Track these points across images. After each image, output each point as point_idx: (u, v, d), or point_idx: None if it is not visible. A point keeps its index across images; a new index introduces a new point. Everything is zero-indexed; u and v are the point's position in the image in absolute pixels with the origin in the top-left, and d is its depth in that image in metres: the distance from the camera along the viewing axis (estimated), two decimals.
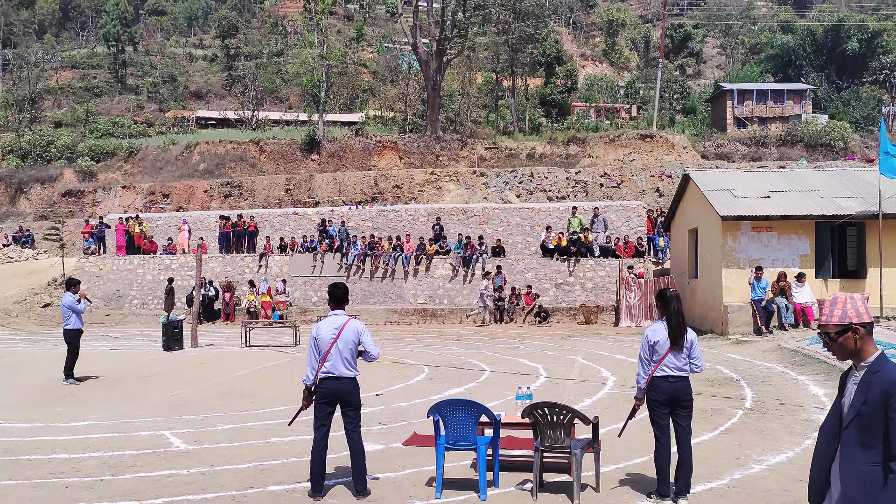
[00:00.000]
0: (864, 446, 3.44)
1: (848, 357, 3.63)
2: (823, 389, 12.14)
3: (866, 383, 3.49)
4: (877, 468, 3.41)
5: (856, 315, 3.59)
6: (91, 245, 32.09)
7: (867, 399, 3.45)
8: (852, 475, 3.46)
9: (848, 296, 3.66)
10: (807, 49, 69.70)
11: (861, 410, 3.45)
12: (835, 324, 3.60)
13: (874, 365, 3.53)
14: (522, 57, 54.67)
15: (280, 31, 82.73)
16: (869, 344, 3.58)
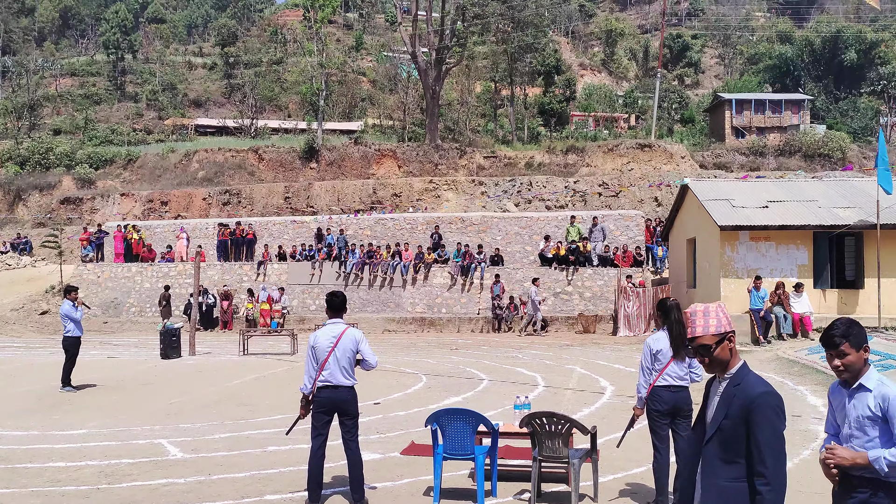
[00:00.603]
0: (725, 462, 3.36)
1: (720, 368, 3.52)
2: (822, 400, 12.12)
3: (728, 396, 3.41)
4: (739, 484, 3.33)
5: (728, 323, 3.50)
6: (89, 252, 32.05)
7: (728, 413, 3.37)
8: (713, 491, 3.38)
9: (716, 304, 3.57)
10: (805, 59, 69.88)
11: (722, 425, 3.38)
12: (713, 334, 3.48)
13: (736, 376, 3.45)
14: (521, 66, 54.74)
15: (279, 40, 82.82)
16: (734, 354, 3.52)
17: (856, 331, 3.84)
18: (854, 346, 3.82)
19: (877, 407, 3.75)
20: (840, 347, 3.84)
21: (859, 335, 3.84)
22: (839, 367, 3.87)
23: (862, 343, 3.84)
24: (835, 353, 3.86)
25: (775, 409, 3.35)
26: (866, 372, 3.86)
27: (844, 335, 3.83)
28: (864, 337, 3.87)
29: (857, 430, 3.82)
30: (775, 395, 3.39)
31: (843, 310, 19.41)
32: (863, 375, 3.86)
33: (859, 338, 3.83)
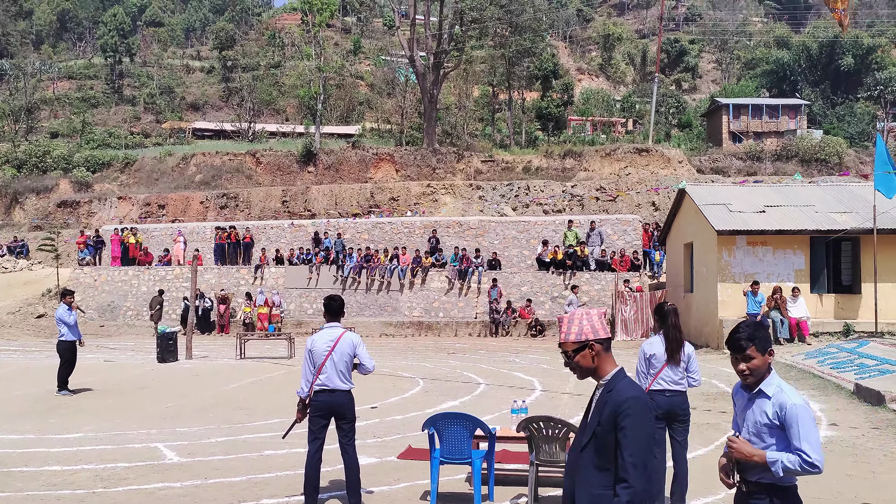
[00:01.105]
0: (599, 469, 3.34)
1: (588, 375, 3.55)
2: (818, 405, 12.13)
3: (601, 403, 3.42)
4: (610, 492, 3.30)
5: (591, 331, 3.51)
6: (86, 256, 32.00)
7: (601, 419, 3.36)
8: (586, 499, 3.35)
9: (585, 311, 3.58)
10: (802, 65, 70.06)
11: (596, 431, 3.37)
12: (572, 341, 3.51)
13: (609, 383, 3.46)
14: (519, 70, 54.82)
15: (277, 44, 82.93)
16: (606, 361, 3.52)
17: (762, 334, 3.82)
18: (760, 349, 3.80)
19: (774, 415, 3.73)
20: (746, 351, 3.82)
21: (765, 339, 3.82)
22: (744, 372, 3.85)
23: (767, 347, 3.82)
24: (741, 356, 3.84)
25: (641, 414, 3.31)
26: (768, 377, 3.83)
27: (750, 338, 3.81)
28: (770, 341, 3.85)
29: (755, 435, 3.80)
30: (642, 401, 3.36)
31: (839, 314, 19.44)
32: (764, 381, 3.83)
33: (765, 341, 3.81)
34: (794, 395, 3.76)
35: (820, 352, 16.85)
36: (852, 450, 9.25)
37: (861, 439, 9.78)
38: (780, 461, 3.63)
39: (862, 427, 10.47)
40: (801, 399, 3.74)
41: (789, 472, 3.62)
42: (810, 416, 3.68)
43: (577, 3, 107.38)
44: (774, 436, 3.72)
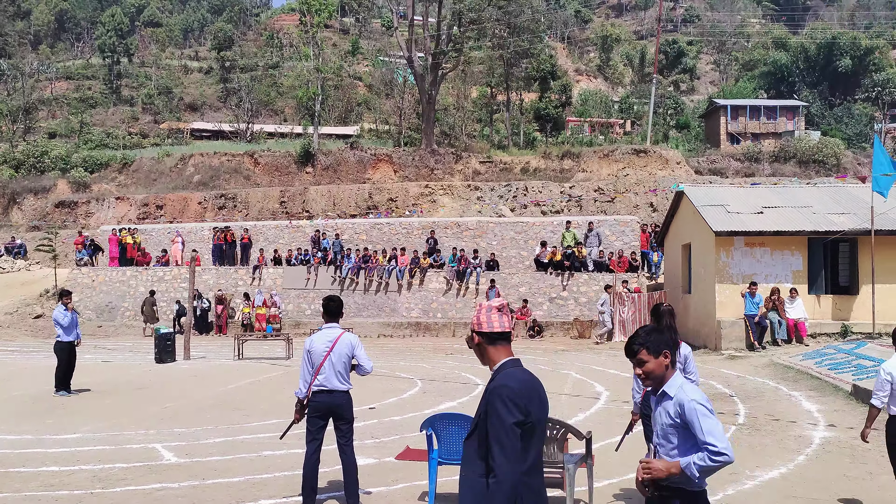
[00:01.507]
0: (480, 457, 3.43)
1: (485, 364, 3.67)
2: (816, 405, 12.15)
3: (486, 392, 3.51)
4: (484, 480, 3.38)
5: (476, 323, 3.63)
6: (84, 256, 31.97)
7: (482, 409, 3.47)
8: (467, 484, 3.45)
9: (486, 305, 3.67)
10: (800, 66, 70.13)
11: (479, 421, 3.47)
12: (473, 331, 3.67)
13: (495, 372, 3.54)
14: (517, 71, 54.86)
15: (276, 44, 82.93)
16: (496, 353, 3.59)
17: (653, 338, 3.83)
18: (652, 353, 3.81)
19: (676, 414, 3.74)
20: (638, 356, 3.85)
21: (657, 342, 3.82)
22: (641, 376, 3.88)
23: (661, 349, 3.82)
24: (634, 361, 3.87)
25: (504, 401, 3.37)
26: (670, 379, 3.84)
27: (642, 343, 3.84)
28: (664, 344, 3.84)
29: (663, 437, 3.81)
30: (507, 388, 3.41)
31: (837, 315, 19.47)
32: (666, 383, 3.85)
33: (657, 344, 3.82)
34: (692, 392, 3.76)
35: (818, 353, 16.87)
36: (850, 451, 9.26)
37: (858, 440, 9.78)
38: (692, 462, 3.64)
39: (859, 428, 10.42)
40: (700, 395, 3.76)
41: (704, 470, 3.62)
42: (709, 409, 3.70)
43: (576, 5, 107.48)
44: (679, 436, 3.73)
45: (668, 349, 3.85)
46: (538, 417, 3.44)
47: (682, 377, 3.89)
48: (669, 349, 3.85)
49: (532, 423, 3.39)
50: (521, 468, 3.35)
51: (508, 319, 3.66)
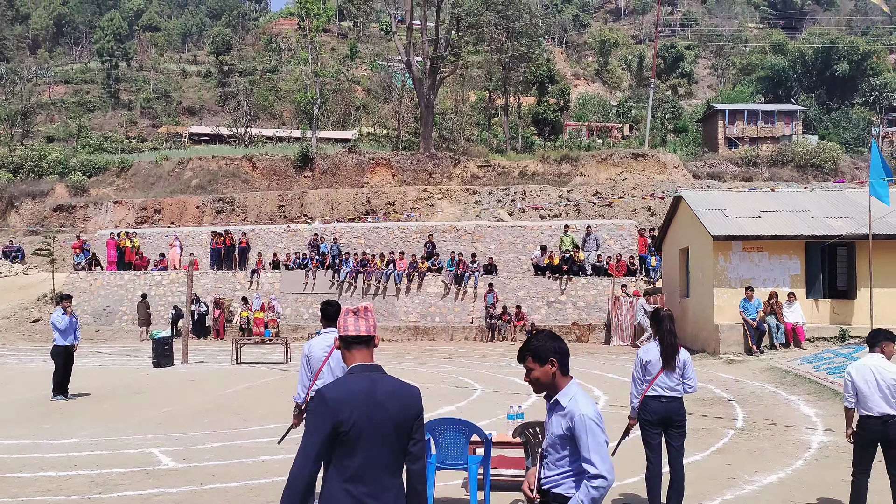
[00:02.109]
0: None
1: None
2: (814, 409, 12.15)
3: None
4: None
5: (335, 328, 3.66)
6: (82, 260, 31.94)
7: None
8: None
9: (345, 309, 3.68)
10: (797, 70, 70.29)
11: None
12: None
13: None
14: (515, 76, 54.93)
15: (274, 48, 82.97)
16: (350, 357, 3.61)
17: (542, 345, 3.78)
18: (537, 360, 3.77)
19: (567, 426, 3.68)
20: (525, 363, 3.83)
21: (543, 349, 3.77)
22: (528, 382, 3.87)
23: (546, 357, 3.77)
24: (524, 367, 3.85)
25: (311, 408, 3.45)
26: (564, 388, 3.78)
27: (528, 349, 3.81)
28: (552, 351, 3.77)
29: (551, 445, 3.77)
30: (319, 393, 3.43)
31: (835, 319, 19.47)
32: (560, 392, 3.79)
33: (542, 352, 3.76)
34: (585, 405, 3.69)
35: (816, 357, 16.88)
36: (848, 455, 9.23)
37: None
38: (577, 498, 3.59)
39: None
40: (593, 409, 3.68)
41: (594, 500, 3.55)
42: (599, 426, 3.63)
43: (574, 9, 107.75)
44: (567, 447, 3.68)
45: (556, 357, 3.77)
46: (362, 426, 3.34)
47: (577, 387, 3.80)
48: (557, 357, 3.77)
49: (348, 431, 3.33)
50: (313, 472, 3.46)
51: (366, 323, 3.61)
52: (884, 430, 6.61)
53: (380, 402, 3.42)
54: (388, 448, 3.41)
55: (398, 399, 3.47)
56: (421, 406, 3.53)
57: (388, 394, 3.46)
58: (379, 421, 3.40)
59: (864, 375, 6.70)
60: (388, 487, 3.42)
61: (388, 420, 3.40)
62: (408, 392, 3.53)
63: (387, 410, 3.42)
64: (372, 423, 3.38)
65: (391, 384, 3.52)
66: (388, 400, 3.44)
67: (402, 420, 3.44)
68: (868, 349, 7.02)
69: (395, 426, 3.41)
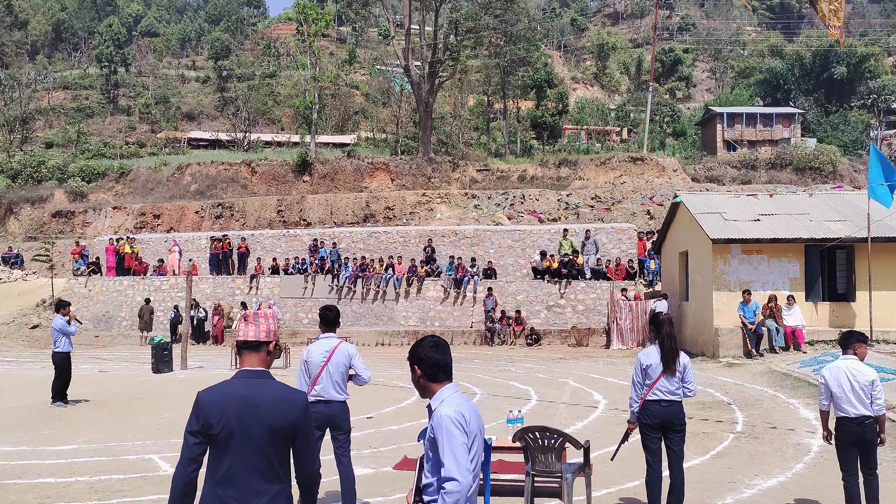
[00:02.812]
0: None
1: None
2: (814, 413, 12.13)
3: None
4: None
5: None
6: (81, 266, 31.94)
7: None
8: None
9: (243, 314, 3.73)
10: (795, 73, 70.36)
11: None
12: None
13: None
14: (514, 80, 54.99)
15: (272, 53, 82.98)
16: (241, 361, 3.72)
17: (411, 351, 3.76)
18: (414, 363, 3.75)
19: (431, 428, 3.67)
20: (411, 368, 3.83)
21: (410, 355, 3.75)
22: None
23: (411, 364, 3.76)
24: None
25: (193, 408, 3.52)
26: (437, 392, 3.75)
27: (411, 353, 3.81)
28: (413, 358, 3.75)
29: (426, 452, 3.74)
30: (196, 395, 3.56)
31: (834, 322, 19.47)
32: (434, 396, 3.76)
33: (409, 358, 3.75)
34: (448, 406, 3.62)
35: (815, 360, 16.87)
36: None
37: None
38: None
39: None
40: (454, 410, 3.60)
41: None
42: (460, 426, 3.56)
43: (572, 13, 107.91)
44: (436, 450, 3.63)
45: (416, 364, 3.75)
46: (232, 430, 3.39)
47: (451, 391, 3.72)
48: (417, 364, 3.74)
49: (217, 434, 3.39)
50: (188, 472, 3.44)
51: (257, 329, 3.63)
52: (860, 432, 6.74)
53: (255, 406, 3.44)
54: (262, 453, 3.40)
55: (275, 405, 3.46)
56: (302, 413, 3.51)
57: (266, 399, 3.47)
58: (251, 425, 3.40)
59: (838, 378, 6.85)
60: (260, 493, 3.40)
61: (262, 425, 3.41)
62: (289, 399, 3.52)
63: (262, 416, 3.43)
64: (244, 428, 3.40)
65: (272, 390, 3.53)
66: (264, 405, 3.45)
67: (279, 426, 3.43)
68: (842, 351, 7.16)
69: (271, 432, 3.41)
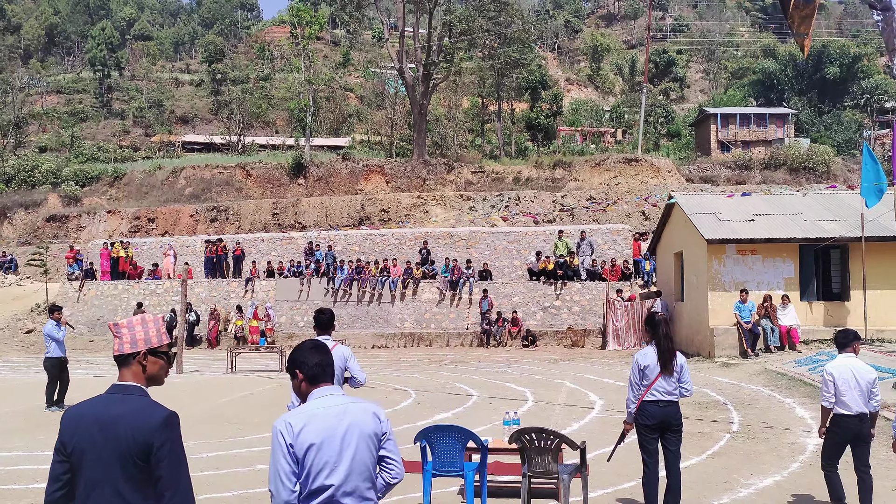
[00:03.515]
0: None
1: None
2: (810, 412, 12.16)
3: None
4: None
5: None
6: (75, 270, 31.85)
7: None
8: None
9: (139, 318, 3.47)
10: (789, 74, 70.59)
11: None
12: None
13: None
14: (508, 82, 55.06)
15: (267, 56, 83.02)
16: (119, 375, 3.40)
17: (293, 356, 3.63)
18: (295, 367, 3.64)
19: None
20: None
21: (293, 360, 3.62)
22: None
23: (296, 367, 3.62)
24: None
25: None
26: (310, 394, 3.61)
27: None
28: (296, 361, 3.59)
29: None
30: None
31: (829, 322, 19.51)
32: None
33: (293, 363, 3.61)
34: (285, 415, 3.47)
35: (810, 359, 16.91)
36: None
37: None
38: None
39: None
40: (282, 420, 3.42)
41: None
42: (276, 438, 3.41)
43: (566, 15, 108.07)
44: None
45: (298, 368, 3.58)
46: (83, 449, 3.13)
47: (324, 394, 3.50)
48: (299, 367, 3.58)
49: (70, 452, 3.16)
50: (50, 492, 3.24)
51: (120, 342, 3.34)
52: (859, 427, 6.91)
53: (105, 425, 3.15)
54: (112, 476, 3.11)
55: (126, 424, 3.14)
56: (156, 435, 3.15)
57: (117, 417, 3.15)
58: (101, 446, 3.13)
59: (844, 375, 6.95)
60: None
61: (110, 446, 3.12)
62: (142, 417, 3.18)
63: (111, 435, 3.13)
64: (94, 448, 3.13)
65: (127, 407, 3.21)
66: (115, 424, 3.14)
67: (127, 448, 3.11)
68: (839, 350, 7.22)
69: (119, 454, 3.10)
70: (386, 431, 3.58)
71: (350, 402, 3.52)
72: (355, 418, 3.46)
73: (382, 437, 3.56)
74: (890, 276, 19.15)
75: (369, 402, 3.62)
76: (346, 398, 3.55)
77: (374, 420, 3.52)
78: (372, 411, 3.54)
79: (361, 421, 3.47)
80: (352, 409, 3.48)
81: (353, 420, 3.44)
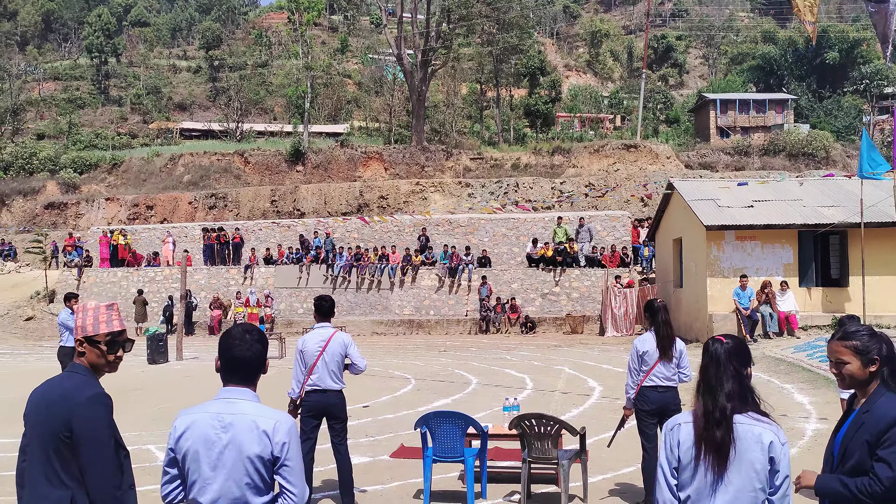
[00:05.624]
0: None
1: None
2: (808, 398, 12.20)
3: None
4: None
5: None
6: (74, 258, 31.84)
7: None
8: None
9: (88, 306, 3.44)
10: (788, 59, 70.33)
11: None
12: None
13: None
14: (507, 68, 54.89)
15: (264, 43, 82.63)
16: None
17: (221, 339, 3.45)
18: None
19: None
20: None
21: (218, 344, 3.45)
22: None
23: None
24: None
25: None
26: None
27: None
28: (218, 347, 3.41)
29: None
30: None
31: (828, 308, 19.55)
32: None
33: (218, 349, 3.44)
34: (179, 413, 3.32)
35: (809, 345, 16.95)
36: None
37: None
38: None
39: None
40: (176, 418, 3.28)
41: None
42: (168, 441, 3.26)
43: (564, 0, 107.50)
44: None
45: (216, 356, 3.43)
46: (28, 427, 3.30)
47: (211, 403, 3.23)
48: (217, 356, 3.43)
49: (25, 428, 3.30)
50: (20, 461, 3.38)
51: (80, 328, 3.40)
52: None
53: (40, 405, 3.27)
54: (43, 454, 3.18)
55: (55, 403, 3.21)
56: (77, 411, 3.14)
57: (52, 397, 3.24)
58: (37, 424, 3.24)
59: None
60: (44, 496, 3.19)
61: (43, 424, 3.21)
62: (67, 397, 3.20)
63: (44, 414, 3.22)
64: (33, 426, 3.26)
65: (62, 386, 3.28)
66: (48, 403, 3.24)
67: (50, 427, 3.17)
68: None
69: (49, 432, 3.17)
70: (280, 456, 3.04)
71: (242, 413, 3.08)
72: (236, 436, 3.02)
73: (275, 461, 3.05)
74: (889, 261, 19.18)
75: (272, 415, 3.14)
76: (240, 407, 3.12)
77: (260, 441, 3.02)
78: (262, 429, 3.03)
79: (243, 440, 3.02)
80: (238, 423, 3.04)
81: (234, 437, 3.02)
